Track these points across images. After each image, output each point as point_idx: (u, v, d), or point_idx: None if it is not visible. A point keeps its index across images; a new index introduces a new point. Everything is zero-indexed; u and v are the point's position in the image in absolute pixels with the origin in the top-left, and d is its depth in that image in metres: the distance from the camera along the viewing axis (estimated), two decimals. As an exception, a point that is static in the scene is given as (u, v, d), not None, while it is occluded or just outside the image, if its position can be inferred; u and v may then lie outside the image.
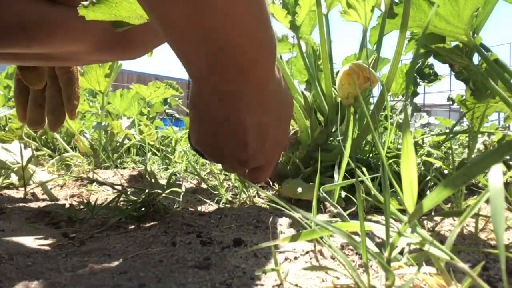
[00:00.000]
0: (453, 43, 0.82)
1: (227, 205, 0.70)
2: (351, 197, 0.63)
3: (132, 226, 0.57)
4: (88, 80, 1.52)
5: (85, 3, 0.58)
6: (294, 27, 0.91)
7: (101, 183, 0.68)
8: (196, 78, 0.43)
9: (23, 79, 0.68)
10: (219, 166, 0.98)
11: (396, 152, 0.79)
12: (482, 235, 0.50)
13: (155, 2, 0.35)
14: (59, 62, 0.65)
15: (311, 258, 0.42)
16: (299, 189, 0.67)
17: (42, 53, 0.59)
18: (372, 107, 0.94)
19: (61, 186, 0.93)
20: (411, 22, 0.72)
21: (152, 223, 0.57)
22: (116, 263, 0.40)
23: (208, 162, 0.94)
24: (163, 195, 0.61)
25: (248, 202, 0.73)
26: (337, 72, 0.80)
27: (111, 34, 0.59)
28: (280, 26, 0.94)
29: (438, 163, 0.73)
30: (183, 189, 0.66)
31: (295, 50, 1.08)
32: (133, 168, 1.29)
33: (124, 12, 0.61)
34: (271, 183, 0.89)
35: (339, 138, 0.73)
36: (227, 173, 0.78)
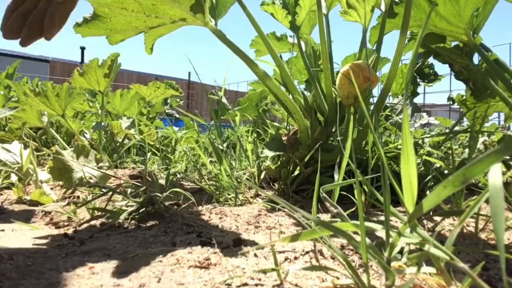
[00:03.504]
0: (453, 43, 0.82)
1: (227, 205, 0.70)
2: (351, 196, 0.63)
3: (132, 226, 0.57)
4: (88, 80, 1.52)
5: (79, 20, 0.57)
6: (294, 27, 0.91)
7: (100, 187, 0.68)
8: None
9: None
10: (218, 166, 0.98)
11: (396, 151, 0.79)
12: (482, 235, 0.50)
13: None
14: None
15: (311, 258, 0.42)
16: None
17: None
18: (372, 107, 0.94)
19: (61, 186, 0.93)
20: (412, 22, 0.72)
21: (152, 223, 0.57)
22: (116, 263, 0.40)
23: (208, 162, 0.94)
24: (164, 195, 0.61)
25: (248, 202, 0.73)
26: (337, 72, 0.80)
27: None
28: (280, 26, 0.94)
29: (438, 163, 0.73)
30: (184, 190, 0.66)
31: (295, 50, 1.08)
32: (133, 168, 1.29)
33: (120, 25, 0.60)
34: (271, 183, 0.89)
35: (339, 138, 0.73)
36: (227, 173, 0.78)
